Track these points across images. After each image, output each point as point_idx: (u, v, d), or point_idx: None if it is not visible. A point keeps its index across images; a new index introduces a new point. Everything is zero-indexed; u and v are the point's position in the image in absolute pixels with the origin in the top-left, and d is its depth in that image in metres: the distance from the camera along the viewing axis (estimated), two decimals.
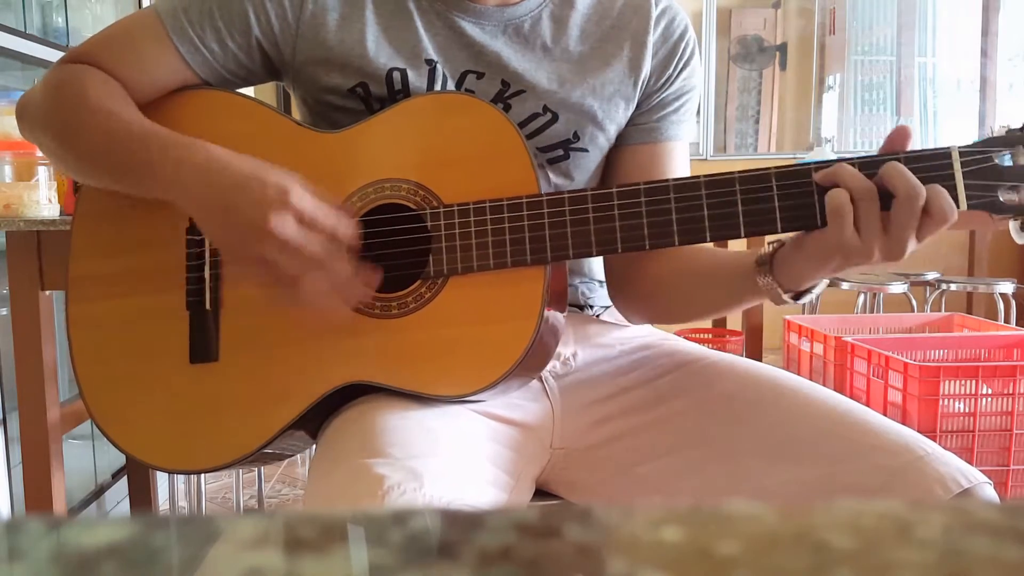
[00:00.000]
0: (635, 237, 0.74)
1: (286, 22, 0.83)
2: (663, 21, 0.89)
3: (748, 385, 0.83)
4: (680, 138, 0.91)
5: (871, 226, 0.67)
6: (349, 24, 0.83)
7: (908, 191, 0.66)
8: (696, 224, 0.73)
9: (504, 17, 0.85)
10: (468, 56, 0.84)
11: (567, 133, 0.86)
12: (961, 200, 0.69)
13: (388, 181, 0.79)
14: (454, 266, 0.76)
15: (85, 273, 0.86)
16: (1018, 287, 3.07)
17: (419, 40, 0.83)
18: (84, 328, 0.85)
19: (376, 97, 0.83)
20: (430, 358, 0.77)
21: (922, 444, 0.72)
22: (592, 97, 0.86)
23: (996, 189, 0.69)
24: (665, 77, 0.89)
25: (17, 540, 0.21)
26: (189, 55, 0.83)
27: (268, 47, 0.84)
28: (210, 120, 0.84)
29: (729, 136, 4.29)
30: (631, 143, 0.90)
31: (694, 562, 0.20)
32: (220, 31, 0.82)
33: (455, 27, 0.84)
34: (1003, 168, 0.69)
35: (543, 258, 0.75)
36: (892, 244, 0.67)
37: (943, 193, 0.67)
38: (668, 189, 0.74)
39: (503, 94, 0.84)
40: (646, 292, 0.89)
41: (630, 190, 0.75)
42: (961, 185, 0.69)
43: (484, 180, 0.77)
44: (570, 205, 0.75)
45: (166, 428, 0.82)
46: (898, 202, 0.67)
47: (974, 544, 0.20)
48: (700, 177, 0.74)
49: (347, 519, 0.22)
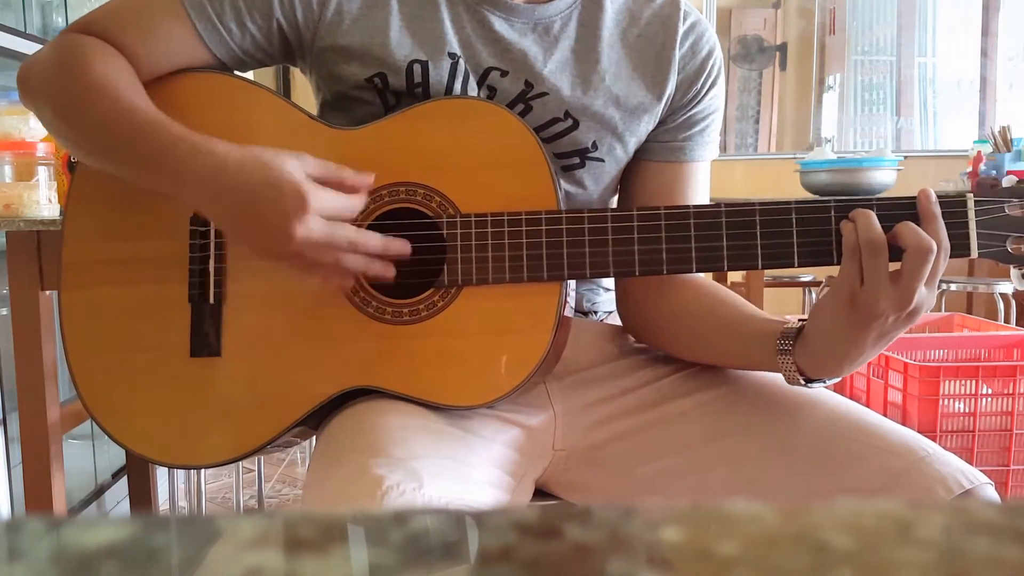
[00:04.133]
0: (654, 260, 0.74)
1: (310, 8, 0.81)
2: (691, 36, 0.87)
3: (749, 386, 0.83)
4: (704, 159, 0.90)
5: (876, 274, 0.68)
6: (373, 12, 0.81)
7: (919, 245, 0.67)
8: (715, 252, 0.73)
9: (534, 15, 0.83)
10: (493, 52, 0.83)
11: (586, 142, 0.85)
12: (973, 248, 0.71)
13: (403, 185, 0.78)
14: (469, 276, 0.76)
15: (80, 259, 0.83)
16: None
17: (444, 33, 0.82)
18: (78, 316, 0.82)
19: (393, 90, 0.82)
20: (439, 367, 0.76)
21: (923, 445, 0.72)
22: (615, 107, 0.85)
23: (1005, 240, 0.71)
24: (692, 94, 0.87)
25: (17, 540, 0.21)
26: (206, 32, 0.80)
27: (289, 31, 0.82)
28: (220, 108, 0.83)
29: (729, 136, 4.29)
30: (655, 159, 0.89)
31: (694, 562, 0.20)
32: (240, 11, 0.80)
33: (484, 21, 0.83)
34: (1013, 219, 0.71)
35: (560, 275, 0.75)
36: (900, 293, 0.68)
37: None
38: (688, 215, 0.74)
39: (526, 95, 0.83)
40: (656, 324, 0.88)
41: (651, 213, 0.75)
42: (974, 233, 0.71)
43: (502, 189, 0.76)
44: (589, 224, 0.75)
45: (166, 422, 0.81)
46: (908, 255, 0.68)
47: (974, 544, 0.20)
48: (721, 205, 0.74)
49: (347, 519, 0.22)
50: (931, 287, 0.68)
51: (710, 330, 0.83)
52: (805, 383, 0.75)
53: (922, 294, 0.67)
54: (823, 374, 0.74)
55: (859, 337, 0.70)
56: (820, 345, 0.72)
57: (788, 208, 0.73)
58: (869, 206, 0.70)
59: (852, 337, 0.70)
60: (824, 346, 0.72)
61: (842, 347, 0.71)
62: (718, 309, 0.83)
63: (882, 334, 0.70)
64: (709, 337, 0.84)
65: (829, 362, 0.73)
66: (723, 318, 0.82)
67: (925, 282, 0.67)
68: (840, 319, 0.70)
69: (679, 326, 0.86)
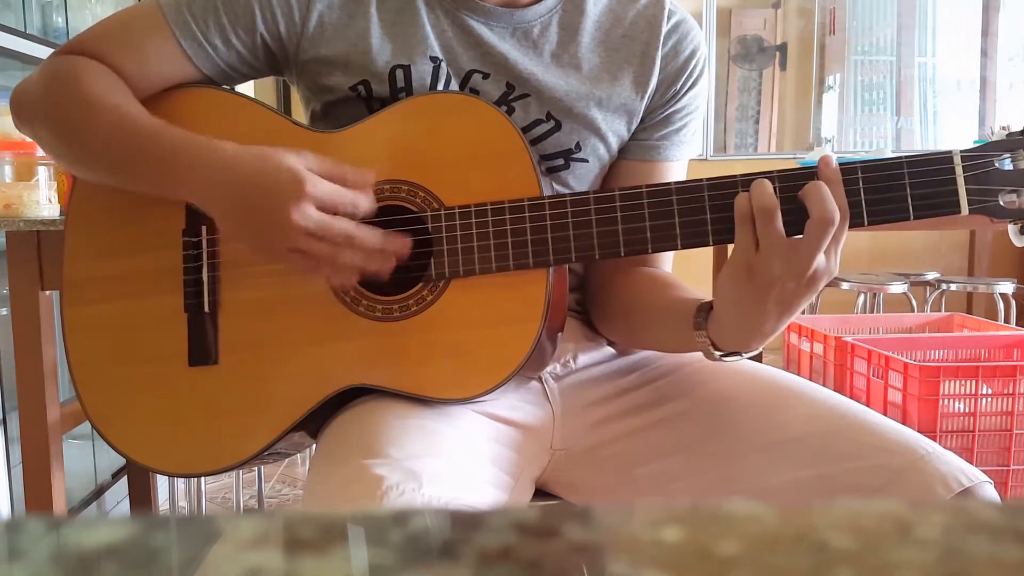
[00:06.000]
0: (638, 240, 0.74)
1: (292, 21, 0.82)
2: (675, 36, 0.87)
3: (748, 386, 0.83)
4: (679, 159, 0.90)
5: (770, 239, 0.67)
6: (353, 21, 0.82)
7: (822, 214, 0.66)
8: (700, 228, 0.73)
9: (513, 20, 0.84)
10: (475, 55, 0.83)
11: (569, 143, 0.85)
12: (963, 204, 0.69)
13: (388, 182, 0.78)
14: (456, 269, 0.76)
15: (80, 276, 0.85)
16: (1018, 287, 3.07)
17: (425, 37, 0.83)
18: (80, 332, 0.84)
19: (377, 96, 0.83)
20: (432, 361, 0.76)
21: (923, 444, 0.72)
22: (597, 108, 0.85)
23: (997, 193, 0.69)
24: (671, 93, 0.88)
25: (17, 540, 0.21)
26: (191, 50, 0.82)
27: (273, 44, 0.83)
28: (208, 120, 0.84)
29: (729, 136, 4.29)
30: (630, 158, 0.89)
31: (694, 562, 0.20)
32: (224, 27, 0.81)
33: (463, 25, 0.83)
34: (1004, 172, 0.69)
35: (545, 261, 0.75)
36: (799, 259, 0.67)
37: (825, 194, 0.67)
38: (671, 191, 0.74)
39: (507, 96, 0.84)
40: (605, 315, 0.89)
41: (632, 192, 0.74)
42: (963, 189, 0.69)
43: (485, 182, 0.77)
44: (572, 207, 0.75)
45: (165, 431, 0.82)
46: (810, 223, 0.67)
47: (974, 544, 0.20)
48: (703, 180, 0.74)
49: (347, 519, 0.22)
50: (832, 254, 0.68)
51: (643, 316, 0.84)
52: (720, 357, 0.75)
53: (820, 261, 0.67)
54: (734, 346, 0.74)
55: (760, 305, 0.69)
56: (725, 316, 0.72)
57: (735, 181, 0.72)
58: (770, 178, 0.70)
59: (753, 306, 0.70)
60: (729, 317, 0.72)
61: (745, 317, 0.71)
62: (650, 294, 0.84)
63: (783, 302, 0.69)
64: (642, 322, 0.85)
65: (738, 334, 0.73)
66: (653, 302, 0.83)
67: (825, 250, 0.67)
68: (740, 288, 0.70)
69: (619, 314, 0.87)
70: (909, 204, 0.70)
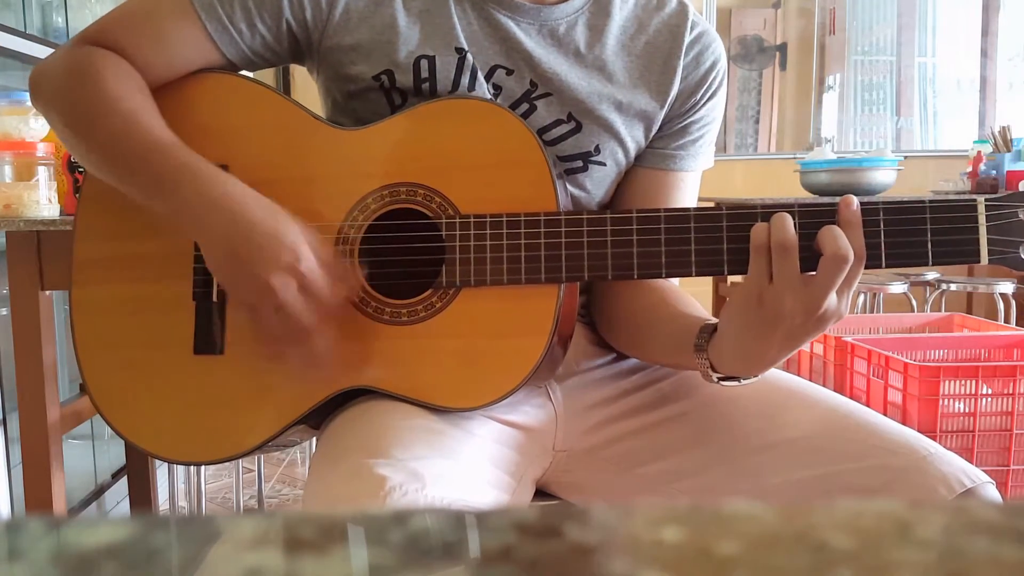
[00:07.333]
0: (652, 264, 0.74)
1: (319, 7, 0.81)
2: (696, 47, 0.87)
3: (749, 386, 0.83)
4: (694, 170, 0.90)
5: (784, 274, 0.67)
6: (380, 9, 0.82)
7: (835, 251, 0.66)
8: (716, 256, 0.73)
9: (540, 16, 0.84)
10: (500, 50, 0.83)
11: (588, 146, 0.85)
12: (983, 253, 0.69)
13: (403, 185, 0.78)
14: (467, 278, 0.76)
15: (89, 256, 0.84)
16: (1018, 287, 3.06)
17: (452, 28, 0.82)
18: (88, 313, 0.84)
19: (399, 88, 0.82)
20: (438, 368, 0.76)
21: (925, 444, 0.72)
22: (617, 113, 0.85)
23: (1019, 245, 0.69)
24: (691, 103, 0.88)
25: (17, 540, 0.21)
26: (216, 33, 0.81)
27: (298, 31, 0.83)
28: (226, 109, 0.83)
29: (729, 136, 4.29)
30: (645, 166, 0.89)
31: (694, 562, 0.20)
32: (251, 12, 0.81)
33: (490, 19, 0.83)
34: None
35: (557, 278, 0.75)
36: (810, 297, 0.66)
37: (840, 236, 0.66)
38: (689, 218, 0.73)
39: (530, 94, 0.83)
40: (611, 325, 0.89)
41: (651, 215, 0.74)
42: (984, 239, 0.69)
43: (502, 190, 0.76)
44: (588, 226, 0.74)
45: (169, 418, 0.82)
46: (824, 260, 0.66)
47: (974, 544, 0.20)
48: (722, 207, 0.73)
49: (347, 519, 0.22)
50: (843, 295, 0.67)
51: (645, 328, 0.84)
52: (718, 381, 0.74)
53: (832, 301, 0.66)
54: (733, 371, 0.73)
55: (765, 336, 0.69)
56: (729, 342, 0.71)
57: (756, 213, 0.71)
58: (791, 211, 0.69)
59: (759, 336, 0.69)
60: (732, 343, 0.71)
61: (749, 346, 0.70)
62: (654, 307, 0.83)
63: (790, 336, 0.68)
64: (644, 335, 0.84)
65: (737, 360, 0.72)
66: (657, 315, 0.83)
67: (837, 290, 0.66)
68: (749, 317, 0.69)
69: (622, 324, 0.87)
70: (929, 249, 0.69)
